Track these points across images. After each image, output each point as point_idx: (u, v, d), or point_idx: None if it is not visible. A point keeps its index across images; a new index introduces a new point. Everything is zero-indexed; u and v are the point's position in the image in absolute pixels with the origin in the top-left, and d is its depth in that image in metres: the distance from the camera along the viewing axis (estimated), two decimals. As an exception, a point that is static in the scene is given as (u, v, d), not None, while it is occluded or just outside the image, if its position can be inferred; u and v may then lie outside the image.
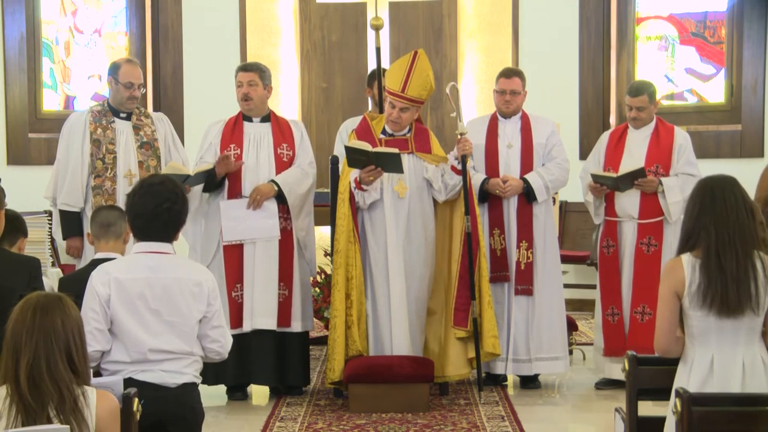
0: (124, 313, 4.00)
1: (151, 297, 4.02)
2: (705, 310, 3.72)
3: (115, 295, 4.00)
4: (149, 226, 4.11)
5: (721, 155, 9.33)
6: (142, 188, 4.16)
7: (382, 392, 6.05)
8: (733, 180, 3.83)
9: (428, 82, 6.25)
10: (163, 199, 4.10)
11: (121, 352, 4.02)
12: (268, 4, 9.76)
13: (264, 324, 6.38)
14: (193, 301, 4.07)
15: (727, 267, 3.68)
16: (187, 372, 4.09)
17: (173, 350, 4.04)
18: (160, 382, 4.01)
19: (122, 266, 4.10)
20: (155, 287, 4.03)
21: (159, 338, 4.01)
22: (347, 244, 6.25)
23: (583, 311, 9.05)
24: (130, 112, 6.47)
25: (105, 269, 4.09)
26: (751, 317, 3.72)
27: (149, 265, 4.07)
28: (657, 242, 6.50)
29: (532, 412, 6.17)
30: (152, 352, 4.01)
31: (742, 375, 3.72)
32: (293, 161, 6.54)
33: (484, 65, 9.66)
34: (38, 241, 7.77)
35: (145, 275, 4.04)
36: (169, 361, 4.04)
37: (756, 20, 9.39)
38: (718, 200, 3.75)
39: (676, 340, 3.84)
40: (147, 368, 4.00)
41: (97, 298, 4.00)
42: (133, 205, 4.14)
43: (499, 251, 6.65)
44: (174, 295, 4.04)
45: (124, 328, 4.00)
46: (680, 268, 3.77)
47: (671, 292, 3.78)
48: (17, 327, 3.12)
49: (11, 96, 9.59)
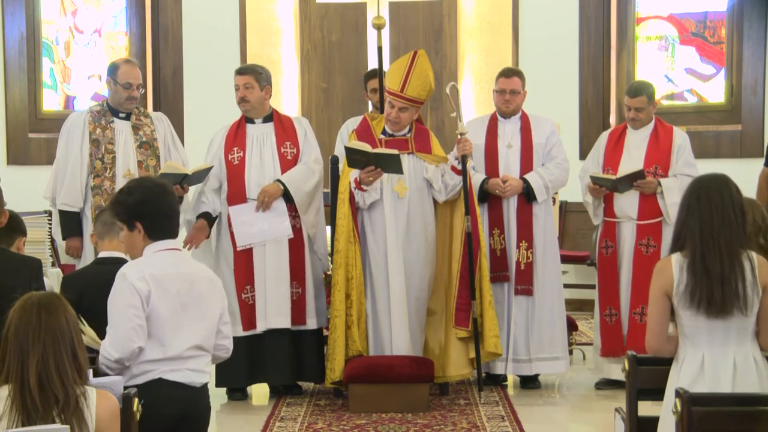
0: (163, 309, 3.96)
1: (184, 292, 4.01)
2: (693, 310, 3.72)
3: (155, 290, 3.95)
4: (171, 225, 4.14)
5: (721, 155, 9.33)
6: (158, 190, 4.14)
7: (382, 392, 6.05)
8: (724, 179, 3.81)
9: (428, 83, 6.25)
10: (175, 197, 4.21)
11: (155, 350, 3.96)
12: (268, 4, 9.76)
13: (278, 323, 6.39)
14: (212, 296, 4.11)
15: (712, 268, 3.68)
16: (207, 371, 4.12)
17: (202, 345, 4.05)
18: (188, 382, 4.01)
19: (151, 263, 4.04)
20: (184, 283, 4.03)
21: (192, 333, 4.01)
22: (347, 244, 6.25)
23: (583, 311, 9.05)
24: (130, 112, 6.47)
25: (136, 266, 4.03)
26: (740, 317, 3.71)
27: (174, 261, 4.07)
28: (656, 243, 6.50)
29: (532, 412, 6.17)
30: (188, 348, 3.99)
31: (733, 374, 3.72)
32: (298, 159, 6.55)
33: (484, 65, 9.66)
34: (38, 241, 7.78)
35: (174, 270, 4.03)
36: (195, 358, 4.03)
37: (756, 20, 9.39)
38: (703, 201, 3.74)
39: (667, 340, 3.84)
40: (176, 367, 3.98)
41: (137, 294, 3.91)
42: (160, 207, 4.10)
43: (499, 251, 6.65)
44: (199, 290, 4.06)
45: (163, 324, 3.96)
46: (669, 269, 3.78)
47: (661, 292, 3.79)
48: (22, 328, 3.10)
49: (11, 96, 9.59)
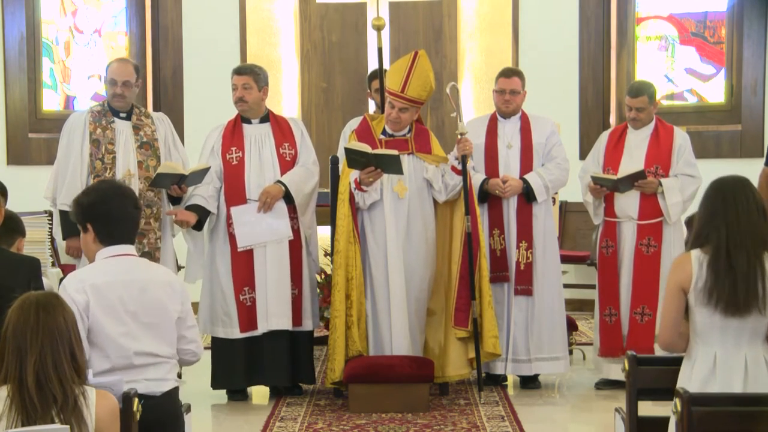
0: (105, 319, 3.88)
1: (129, 299, 3.92)
2: (710, 308, 3.72)
3: (93, 300, 3.87)
4: (121, 230, 4.03)
5: (721, 155, 9.33)
6: (114, 193, 4.06)
7: (382, 392, 6.05)
8: (746, 181, 3.83)
9: (428, 83, 6.25)
10: (135, 201, 4.08)
11: (101, 361, 3.87)
12: (268, 4, 9.75)
13: (280, 324, 6.39)
14: (168, 301, 4.00)
15: (737, 265, 3.68)
16: (170, 378, 4.03)
17: (157, 353, 3.95)
18: (146, 392, 3.88)
19: (95, 272, 3.97)
20: (131, 289, 3.93)
21: (141, 341, 3.92)
22: (347, 245, 6.25)
23: (583, 311, 9.05)
24: (130, 111, 6.46)
25: (77, 277, 3.96)
26: (756, 317, 3.71)
27: (122, 268, 3.97)
28: (657, 243, 6.50)
29: (532, 412, 6.16)
30: (137, 356, 3.90)
31: (745, 374, 3.72)
32: (296, 160, 6.55)
33: (484, 65, 9.66)
34: (38, 241, 7.78)
35: (121, 278, 3.94)
36: (153, 366, 3.95)
37: (756, 20, 9.39)
38: (729, 202, 3.75)
39: (679, 336, 3.84)
40: (132, 378, 3.85)
41: (75, 306, 3.79)
42: (112, 210, 4.01)
43: (499, 251, 6.65)
44: (150, 296, 3.96)
45: (106, 334, 3.87)
46: (688, 264, 3.77)
47: (677, 287, 3.79)
48: (20, 327, 3.09)
49: (11, 96, 9.59)
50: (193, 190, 6.42)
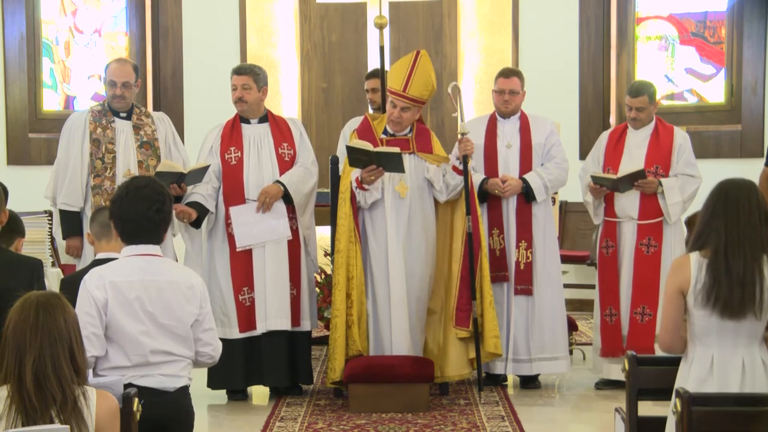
0: (123, 316, 3.95)
1: (147, 299, 3.98)
2: (708, 310, 3.71)
3: (112, 298, 3.94)
4: (140, 230, 4.07)
5: (721, 155, 9.33)
6: (128, 193, 4.09)
7: (382, 392, 6.05)
8: (752, 184, 3.81)
9: (430, 83, 6.25)
10: (153, 202, 4.07)
11: (120, 357, 3.96)
12: (268, 4, 9.76)
13: (279, 325, 6.39)
14: (186, 303, 4.04)
15: (734, 268, 3.68)
16: (183, 375, 4.08)
17: (172, 351, 4.01)
18: (160, 387, 3.98)
19: (116, 269, 4.03)
20: (150, 290, 3.99)
21: (158, 341, 3.98)
22: (348, 244, 6.25)
23: (583, 311, 9.05)
24: (131, 111, 6.47)
25: (98, 273, 4.02)
26: (752, 321, 3.71)
27: (142, 268, 4.02)
28: (657, 243, 6.50)
29: (532, 412, 6.17)
30: (154, 354, 3.97)
31: (742, 375, 3.72)
32: (295, 160, 6.55)
33: (484, 65, 9.66)
34: (38, 241, 7.76)
35: (140, 278, 4.00)
36: (168, 364, 4.01)
37: (756, 20, 9.39)
38: (731, 204, 3.74)
39: (680, 338, 3.84)
40: (147, 372, 3.96)
41: (93, 302, 3.92)
42: (123, 210, 4.07)
43: (499, 251, 6.65)
44: (168, 297, 4.01)
45: (124, 332, 3.95)
46: (687, 266, 3.77)
47: (676, 289, 3.78)
48: (20, 326, 3.09)
49: (11, 96, 9.60)
50: (193, 189, 6.42)
